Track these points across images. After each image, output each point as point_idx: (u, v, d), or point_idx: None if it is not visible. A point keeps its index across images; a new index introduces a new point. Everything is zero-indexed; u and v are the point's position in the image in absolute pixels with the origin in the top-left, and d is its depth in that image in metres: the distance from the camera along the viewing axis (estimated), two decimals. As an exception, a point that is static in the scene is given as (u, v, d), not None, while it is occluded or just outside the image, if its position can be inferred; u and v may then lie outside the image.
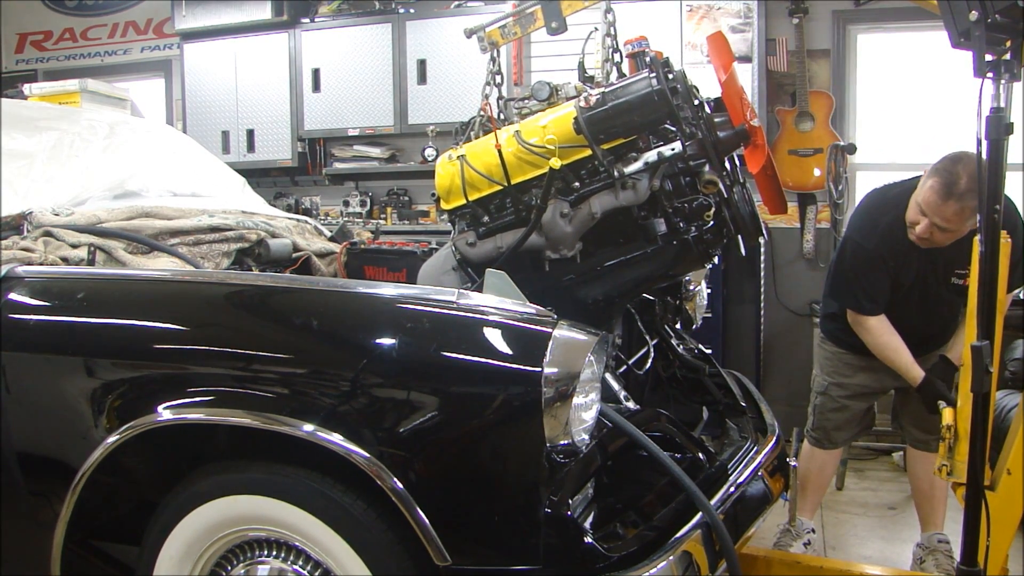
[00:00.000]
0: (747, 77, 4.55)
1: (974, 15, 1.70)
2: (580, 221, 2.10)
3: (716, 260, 2.38)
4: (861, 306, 2.77)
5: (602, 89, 2.04)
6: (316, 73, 5.31)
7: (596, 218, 2.09)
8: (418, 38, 5.10)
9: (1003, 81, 1.76)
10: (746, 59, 4.56)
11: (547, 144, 2.00)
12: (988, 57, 1.74)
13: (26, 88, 4.76)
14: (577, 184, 2.10)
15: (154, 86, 6.26)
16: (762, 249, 4.68)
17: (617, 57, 2.53)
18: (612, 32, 2.54)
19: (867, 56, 4.78)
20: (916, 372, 2.71)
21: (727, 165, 2.19)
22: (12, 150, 2.46)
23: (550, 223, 2.07)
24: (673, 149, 2.01)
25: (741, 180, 2.23)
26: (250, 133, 5.49)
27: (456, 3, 5.11)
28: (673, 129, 2.03)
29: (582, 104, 2.00)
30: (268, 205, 3.25)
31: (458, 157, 2.16)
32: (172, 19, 5.57)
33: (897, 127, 4.76)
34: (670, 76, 1.98)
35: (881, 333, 2.75)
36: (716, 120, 2.08)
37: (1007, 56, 1.75)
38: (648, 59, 2.07)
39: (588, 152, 2.03)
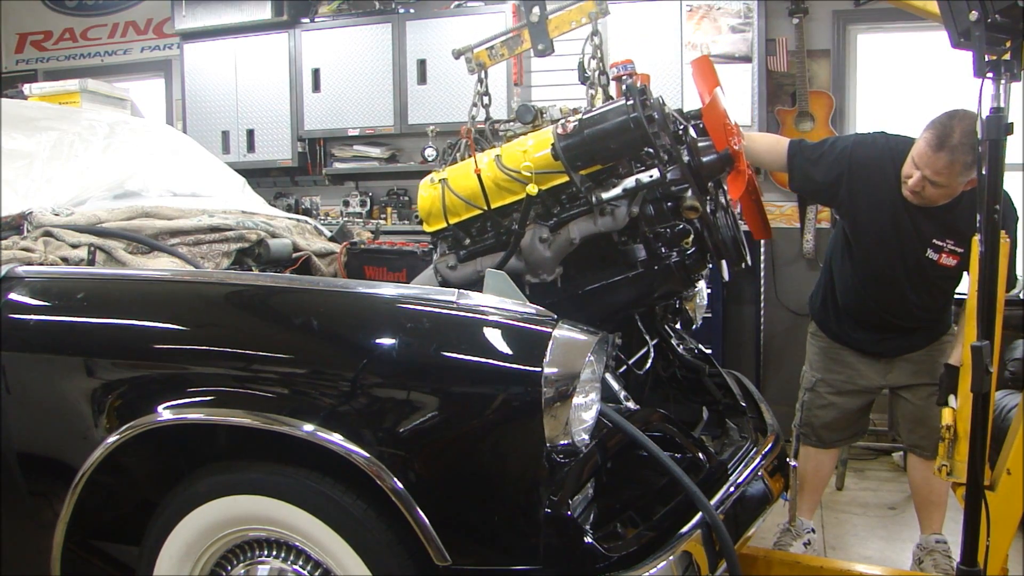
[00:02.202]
0: (747, 77, 4.56)
1: (974, 15, 1.70)
2: (559, 246, 2.10)
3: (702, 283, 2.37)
4: (792, 145, 2.80)
5: (580, 116, 2.04)
6: (316, 73, 5.32)
7: (575, 244, 2.10)
8: (418, 38, 5.11)
9: (1003, 81, 1.77)
10: (746, 59, 4.57)
11: (524, 173, 2.01)
12: (988, 57, 1.74)
13: (26, 88, 4.77)
14: (557, 209, 2.12)
15: (154, 86, 6.26)
16: (762, 249, 4.69)
17: (604, 80, 2.55)
18: (599, 55, 2.55)
19: (867, 56, 4.78)
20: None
21: (712, 190, 2.19)
22: (12, 150, 2.46)
23: (529, 248, 2.08)
24: (651, 176, 2.01)
25: (725, 205, 2.23)
26: (250, 133, 5.49)
27: (456, 3, 5.12)
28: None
29: (559, 131, 2.01)
30: (268, 205, 3.25)
31: (440, 181, 2.17)
32: (172, 19, 5.58)
33: (897, 127, 4.74)
34: (647, 103, 1.98)
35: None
36: (700, 144, 2.08)
37: (1007, 56, 1.75)
38: (625, 86, 2.07)
39: (567, 177, 2.04)
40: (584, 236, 2.09)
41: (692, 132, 2.12)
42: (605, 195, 2.04)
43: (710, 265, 2.20)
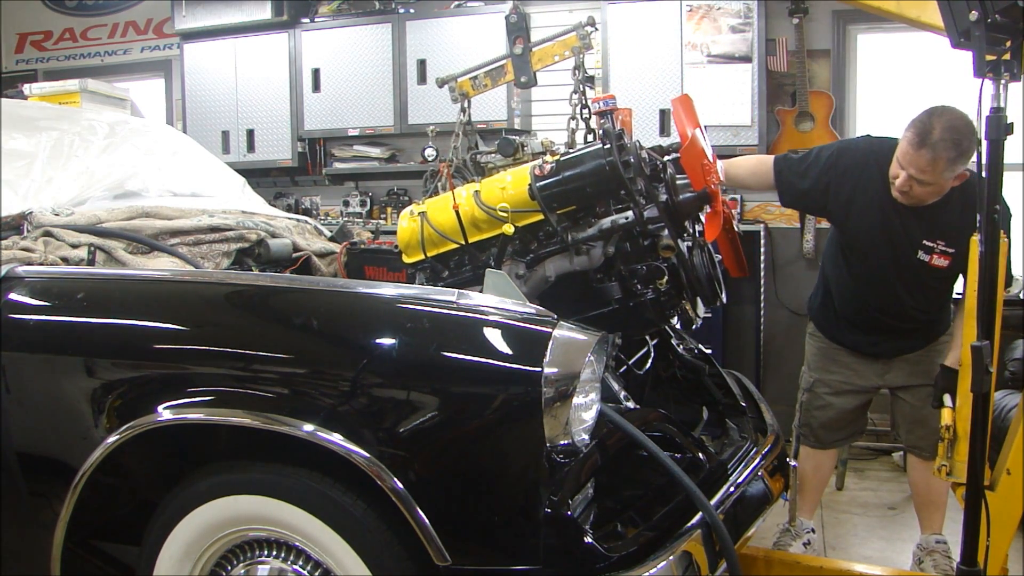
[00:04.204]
0: (747, 77, 4.56)
1: (974, 15, 1.70)
2: (535, 283, 2.14)
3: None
4: (778, 161, 2.81)
5: (557, 157, 2.07)
6: (316, 73, 5.32)
7: (550, 281, 2.14)
8: (418, 38, 5.11)
9: (1003, 81, 1.77)
10: (746, 59, 4.57)
11: (500, 212, 2.05)
12: (988, 57, 1.75)
13: (26, 88, 4.76)
14: (534, 246, 2.15)
15: (154, 86, 6.26)
16: (762, 249, 4.69)
17: (586, 113, 2.58)
18: (581, 89, 2.58)
19: (867, 56, 4.78)
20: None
21: (689, 227, 2.22)
22: (12, 150, 2.46)
23: None
24: (627, 218, 2.05)
25: (701, 242, 2.25)
26: (250, 133, 5.49)
27: (456, 3, 5.12)
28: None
29: (536, 172, 2.04)
30: (268, 205, 3.24)
31: (419, 214, 2.21)
32: (172, 19, 5.58)
33: (897, 127, 4.74)
34: (623, 148, 2.01)
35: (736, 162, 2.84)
36: (677, 183, 2.10)
37: (1007, 56, 1.75)
38: (602, 131, 2.10)
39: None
40: (560, 274, 2.13)
41: (670, 169, 2.15)
42: (580, 235, 2.08)
43: (684, 299, 2.22)
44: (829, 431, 2.99)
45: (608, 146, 2.01)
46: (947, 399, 2.31)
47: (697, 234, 2.26)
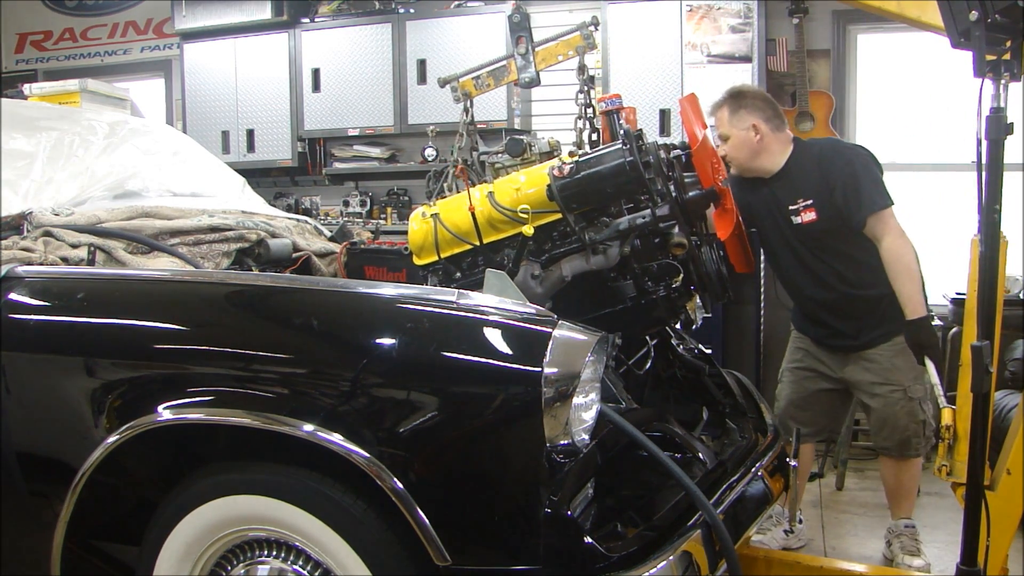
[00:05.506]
0: (747, 77, 4.55)
1: (974, 15, 1.70)
2: (550, 283, 2.15)
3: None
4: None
5: (576, 158, 2.08)
6: (316, 73, 5.31)
7: (566, 281, 2.14)
8: (418, 38, 5.11)
9: (1003, 81, 1.77)
10: (746, 59, 4.56)
11: (520, 214, 2.06)
12: (988, 57, 1.75)
13: (26, 88, 4.76)
14: (548, 246, 2.16)
15: (154, 86, 6.26)
16: (762, 248, 4.68)
17: (590, 112, 2.59)
18: (586, 89, 2.59)
19: (867, 56, 4.78)
20: None
21: (697, 224, 2.24)
22: (12, 150, 2.46)
23: (521, 284, 2.10)
24: (644, 217, 2.07)
25: (709, 239, 2.28)
26: (250, 133, 5.49)
27: (456, 3, 5.12)
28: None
29: (555, 173, 2.05)
30: (268, 205, 3.24)
31: (431, 215, 2.20)
32: (172, 19, 5.57)
33: (897, 127, 4.76)
34: (643, 148, 2.03)
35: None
36: (687, 179, 2.12)
37: (1007, 56, 1.75)
38: (622, 131, 2.11)
39: (560, 215, 2.08)
40: (576, 274, 2.14)
41: (678, 168, 2.17)
42: (598, 236, 2.09)
43: (694, 296, 2.24)
44: (794, 407, 3.05)
45: (628, 146, 2.02)
46: (929, 363, 2.50)
47: (704, 230, 2.27)
